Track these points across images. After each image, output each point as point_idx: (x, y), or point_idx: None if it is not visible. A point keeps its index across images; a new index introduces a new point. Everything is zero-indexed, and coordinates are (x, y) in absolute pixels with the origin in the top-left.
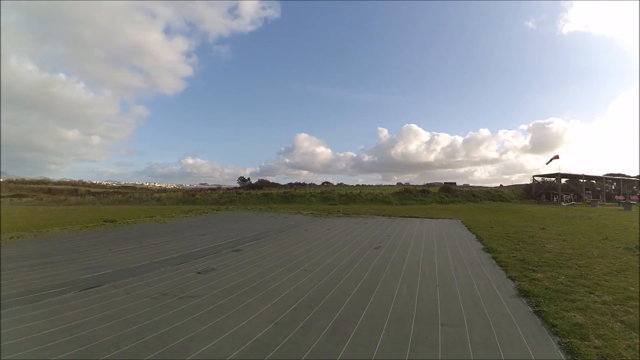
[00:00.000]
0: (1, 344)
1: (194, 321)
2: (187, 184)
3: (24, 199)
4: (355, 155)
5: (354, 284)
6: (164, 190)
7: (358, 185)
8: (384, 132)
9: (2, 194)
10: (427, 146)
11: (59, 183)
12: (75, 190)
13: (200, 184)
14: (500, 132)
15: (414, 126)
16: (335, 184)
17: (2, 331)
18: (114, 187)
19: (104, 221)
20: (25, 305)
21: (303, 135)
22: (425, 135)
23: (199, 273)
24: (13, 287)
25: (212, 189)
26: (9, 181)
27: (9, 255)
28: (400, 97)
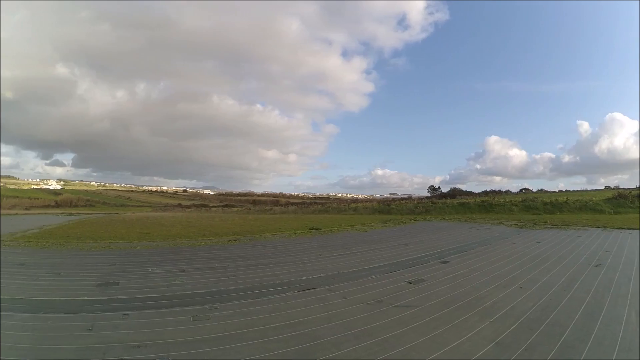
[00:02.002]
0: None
1: (412, 331)
2: (378, 194)
3: (234, 209)
4: (553, 156)
5: (577, 307)
6: (356, 200)
7: (561, 191)
8: (584, 126)
9: (213, 205)
10: (637, 139)
11: (262, 195)
12: (277, 201)
13: (390, 193)
14: None
15: (619, 115)
16: (534, 190)
17: (229, 321)
18: (311, 198)
19: (310, 229)
20: (249, 300)
21: (493, 138)
22: (633, 126)
23: (410, 283)
24: (237, 284)
25: (403, 199)
26: (219, 194)
27: (229, 255)
28: (598, 82)
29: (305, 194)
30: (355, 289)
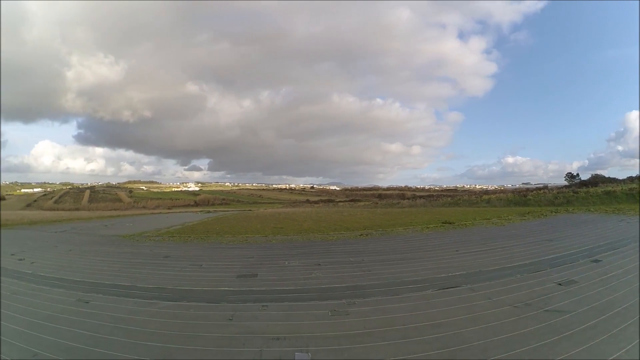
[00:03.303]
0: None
1: (565, 340)
2: (509, 184)
3: (360, 203)
4: None
5: None
6: (487, 191)
7: None
8: None
9: (339, 200)
10: None
11: (388, 189)
12: (403, 195)
13: (523, 183)
14: None
15: None
16: None
17: (368, 317)
18: (437, 191)
19: (442, 222)
20: (387, 297)
21: (635, 114)
22: None
23: (560, 284)
24: (373, 279)
25: (539, 189)
26: (345, 189)
27: (363, 250)
28: None
29: (432, 187)
30: (500, 289)
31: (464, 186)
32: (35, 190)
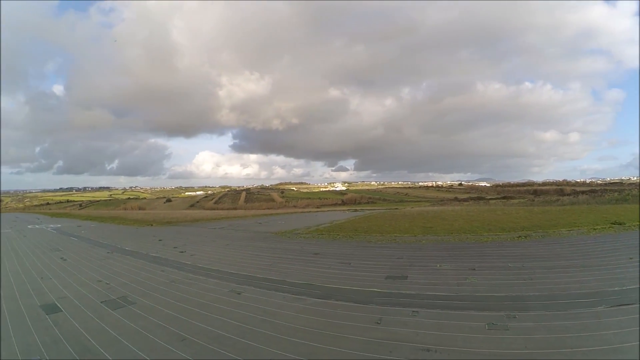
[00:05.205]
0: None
1: None
2: None
3: (514, 201)
4: None
5: None
6: None
7: None
8: None
9: (490, 197)
10: None
11: (544, 184)
12: (561, 190)
13: None
14: None
15: None
16: None
17: (531, 335)
18: (600, 185)
19: (612, 223)
20: (552, 312)
21: None
22: None
23: None
24: (536, 289)
25: None
26: (496, 185)
27: (522, 254)
28: None
29: (593, 180)
30: None
31: (630, 178)
32: (198, 193)
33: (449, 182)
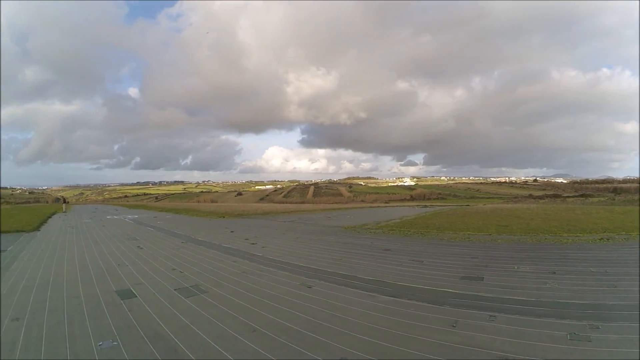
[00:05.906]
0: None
1: None
2: None
3: (593, 199)
4: None
5: None
6: None
7: None
8: None
9: (567, 195)
10: None
11: (624, 181)
12: None
13: None
14: None
15: None
16: None
17: (615, 349)
18: None
19: None
20: (637, 324)
21: None
22: None
23: None
24: (621, 298)
25: None
26: (573, 182)
27: (605, 258)
28: None
29: None
30: None
31: None
32: (267, 187)
33: (522, 178)
